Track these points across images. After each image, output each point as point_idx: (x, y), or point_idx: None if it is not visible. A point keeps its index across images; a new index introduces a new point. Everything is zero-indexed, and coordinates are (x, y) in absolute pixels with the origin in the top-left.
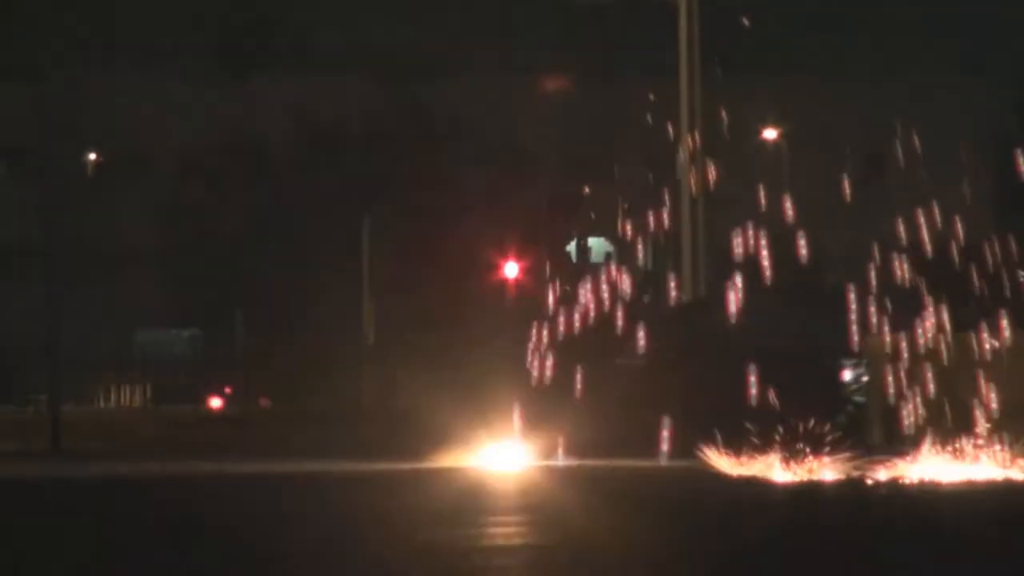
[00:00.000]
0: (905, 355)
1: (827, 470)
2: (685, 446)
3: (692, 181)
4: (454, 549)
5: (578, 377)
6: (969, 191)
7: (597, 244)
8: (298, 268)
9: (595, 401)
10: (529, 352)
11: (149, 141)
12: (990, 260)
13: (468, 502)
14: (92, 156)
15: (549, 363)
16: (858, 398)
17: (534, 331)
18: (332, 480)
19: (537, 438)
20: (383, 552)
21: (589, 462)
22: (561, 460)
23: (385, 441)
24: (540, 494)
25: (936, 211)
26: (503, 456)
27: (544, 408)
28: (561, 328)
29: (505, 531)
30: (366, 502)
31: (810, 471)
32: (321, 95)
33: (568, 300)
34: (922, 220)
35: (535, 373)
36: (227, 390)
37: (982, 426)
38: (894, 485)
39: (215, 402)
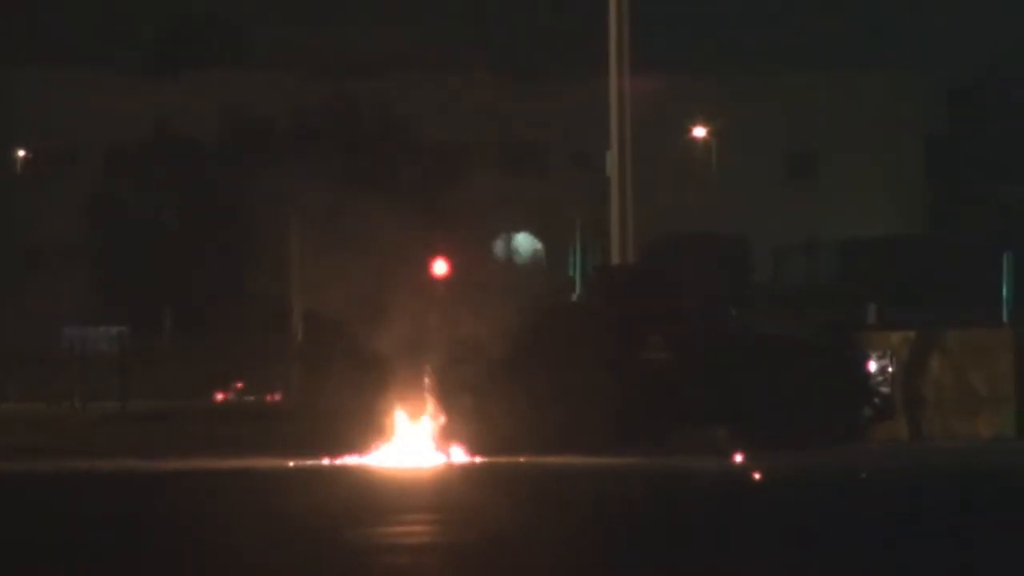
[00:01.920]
0: (909, 351)
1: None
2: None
3: (621, 178)
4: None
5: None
6: (899, 186)
7: (525, 241)
8: (228, 265)
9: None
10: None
11: (79, 136)
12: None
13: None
14: (21, 152)
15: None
16: (884, 389)
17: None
18: (253, 477)
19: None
20: (308, 551)
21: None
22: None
23: (312, 438)
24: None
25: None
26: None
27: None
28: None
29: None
30: (289, 499)
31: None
32: (253, 91)
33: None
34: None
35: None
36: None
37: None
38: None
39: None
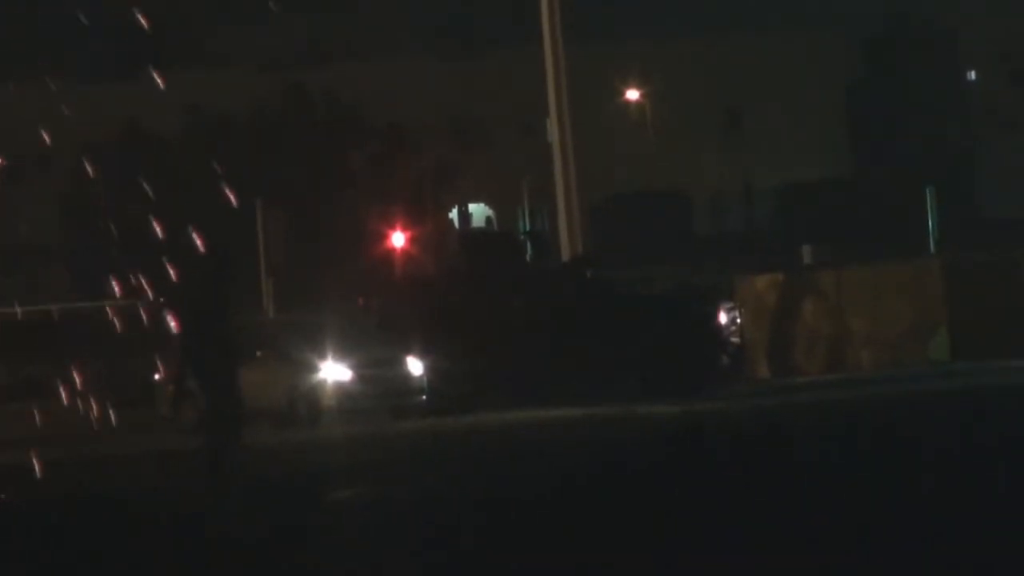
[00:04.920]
0: (777, 294)
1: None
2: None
3: (562, 144)
4: None
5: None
6: (824, 131)
7: (478, 210)
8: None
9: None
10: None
11: (51, 142)
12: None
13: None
14: None
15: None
16: (735, 339)
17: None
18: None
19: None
20: None
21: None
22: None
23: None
24: None
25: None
26: None
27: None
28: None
29: None
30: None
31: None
32: (211, 88)
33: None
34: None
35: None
36: None
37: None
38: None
39: None
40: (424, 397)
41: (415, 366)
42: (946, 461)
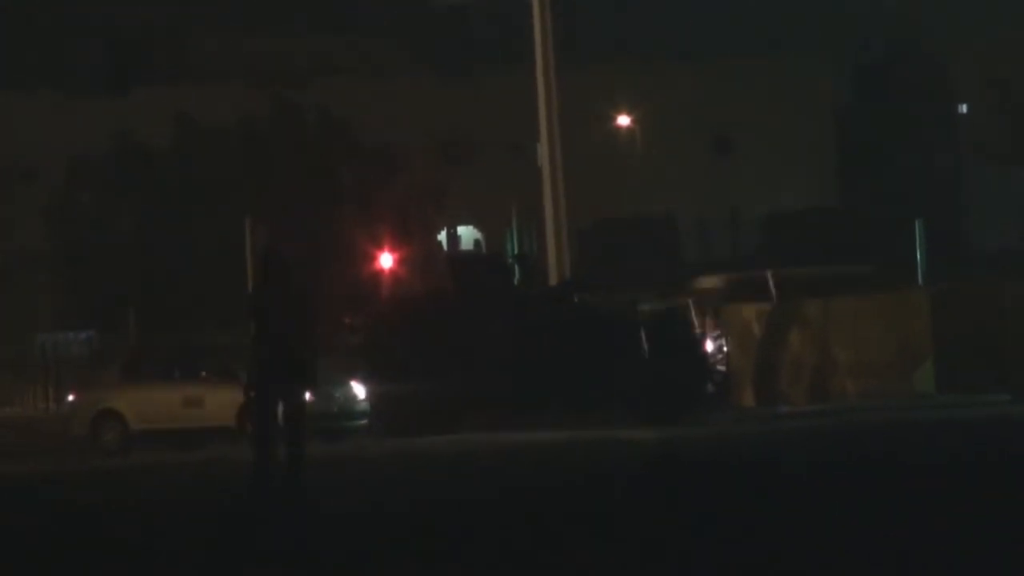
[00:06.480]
0: (761, 323)
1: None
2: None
3: (552, 168)
4: None
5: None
6: (812, 159)
7: (466, 232)
8: (186, 268)
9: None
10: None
11: (37, 153)
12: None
13: None
14: None
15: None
16: (720, 367)
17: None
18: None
19: None
20: None
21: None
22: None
23: None
24: None
25: (780, 182)
26: None
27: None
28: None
29: None
30: None
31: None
32: (200, 102)
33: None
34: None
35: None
36: None
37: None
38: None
39: None
40: (365, 421)
41: (359, 389)
42: (919, 489)
